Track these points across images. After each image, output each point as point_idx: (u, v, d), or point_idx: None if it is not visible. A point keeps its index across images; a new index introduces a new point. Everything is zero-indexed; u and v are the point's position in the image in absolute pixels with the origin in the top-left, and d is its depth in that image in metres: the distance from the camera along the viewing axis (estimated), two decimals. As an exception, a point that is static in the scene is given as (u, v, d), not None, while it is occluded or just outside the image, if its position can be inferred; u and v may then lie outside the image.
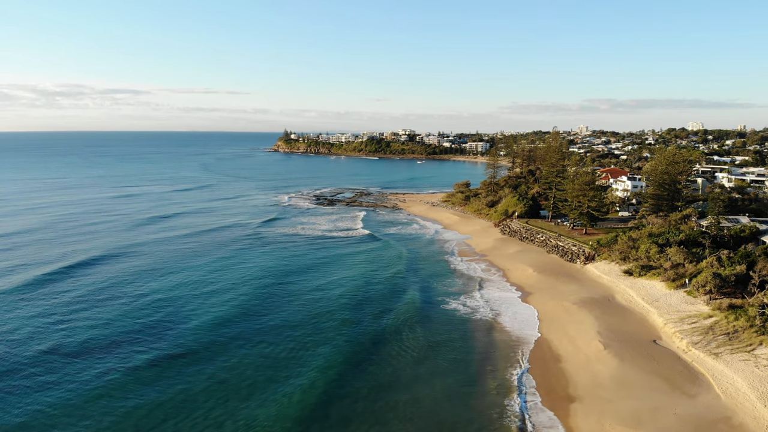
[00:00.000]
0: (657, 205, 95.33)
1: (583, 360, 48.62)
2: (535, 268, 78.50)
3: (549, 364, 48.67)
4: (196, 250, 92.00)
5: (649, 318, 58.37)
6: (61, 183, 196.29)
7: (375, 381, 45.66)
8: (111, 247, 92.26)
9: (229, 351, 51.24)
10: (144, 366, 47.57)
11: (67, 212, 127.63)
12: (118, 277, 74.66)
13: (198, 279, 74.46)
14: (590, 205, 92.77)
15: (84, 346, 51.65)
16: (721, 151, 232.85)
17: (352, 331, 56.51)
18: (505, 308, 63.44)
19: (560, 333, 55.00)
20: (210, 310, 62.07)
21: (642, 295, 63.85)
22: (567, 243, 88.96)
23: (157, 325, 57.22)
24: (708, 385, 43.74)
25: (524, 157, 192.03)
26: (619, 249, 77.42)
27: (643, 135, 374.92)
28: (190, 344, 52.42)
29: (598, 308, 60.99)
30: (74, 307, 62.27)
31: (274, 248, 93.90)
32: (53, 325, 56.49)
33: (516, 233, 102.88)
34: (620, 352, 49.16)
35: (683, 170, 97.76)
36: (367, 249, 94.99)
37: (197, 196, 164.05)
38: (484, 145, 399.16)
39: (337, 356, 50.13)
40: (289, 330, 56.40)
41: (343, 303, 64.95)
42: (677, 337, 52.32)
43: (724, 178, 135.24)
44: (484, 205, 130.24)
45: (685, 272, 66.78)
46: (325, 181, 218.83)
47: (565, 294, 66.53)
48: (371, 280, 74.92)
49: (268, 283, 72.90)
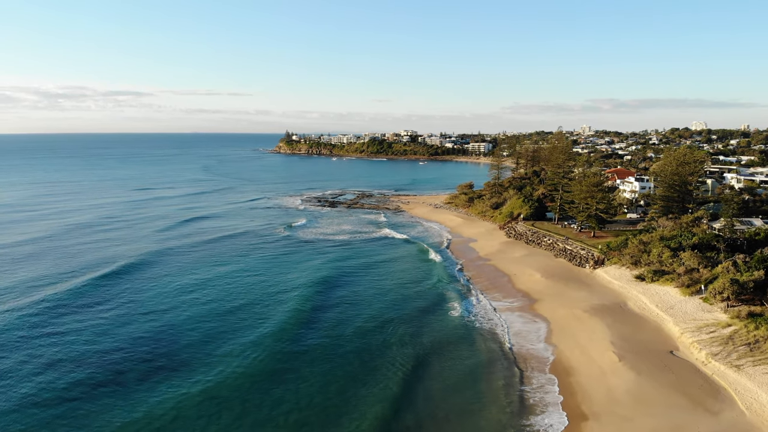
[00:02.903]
0: (667, 207, 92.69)
1: (597, 372, 46.10)
2: (543, 273, 75.93)
3: (561, 377, 46.16)
4: (223, 256, 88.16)
5: (664, 326, 55.81)
6: (70, 187, 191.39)
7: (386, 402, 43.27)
8: (136, 254, 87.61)
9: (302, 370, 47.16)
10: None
11: (82, 218, 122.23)
12: (151, 287, 70.72)
13: (239, 290, 70.05)
14: (599, 207, 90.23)
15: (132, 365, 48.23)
16: (726, 151, 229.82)
17: (360, 346, 54.17)
18: (511, 317, 60.94)
19: (571, 343, 52.47)
20: (265, 324, 58.13)
21: (656, 302, 61.28)
22: (575, 246, 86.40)
23: (215, 339, 53.83)
24: (731, 400, 41.21)
25: (528, 157, 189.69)
26: (629, 253, 74.83)
27: (647, 135, 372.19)
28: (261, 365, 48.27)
29: (610, 316, 58.44)
30: (114, 321, 58.22)
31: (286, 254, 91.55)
32: (104, 342, 52.68)
33: (522, 236, 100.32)
34: (636, 364, 46.63)
35: (694, 171, 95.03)
36: (375, 254, 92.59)
37: (206, 200, 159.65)
38: (486, 146, 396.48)
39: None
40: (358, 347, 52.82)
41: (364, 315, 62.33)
42: (695, 347, 49.76)
43: (733, 179, 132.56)
44: (488, 207, 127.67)
45: (700, 278, 64.21)
46: (326, 182, 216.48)
47: (575, 301, 63.98)
48: (384, 289, 71.96)
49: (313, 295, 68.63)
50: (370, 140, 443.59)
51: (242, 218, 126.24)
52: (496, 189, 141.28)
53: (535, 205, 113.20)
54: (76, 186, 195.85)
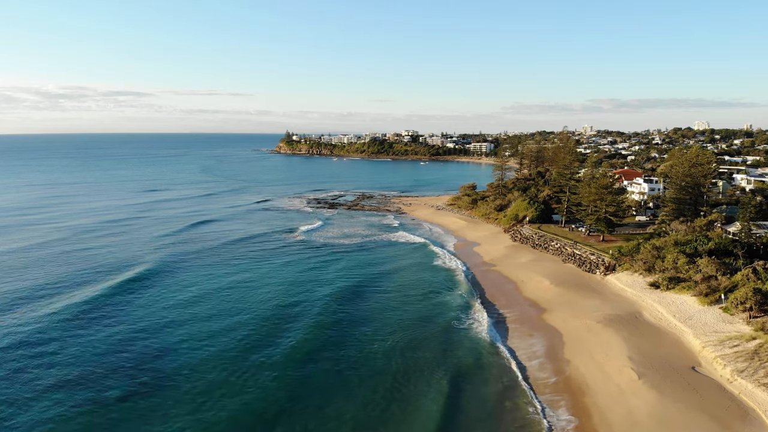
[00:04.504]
0: (679, 210, 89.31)
1: (615, 392, 42.82)
2: (552, 280, 72.59)
3: (576, 396, 42.91)
4: (234, 264, 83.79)
5: (683, 339, 52.53)
6: (76, 189, 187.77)
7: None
8: (140, 262, 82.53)
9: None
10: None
11: (82, 222, 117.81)
12: (170, 296, 67.24)
13: (251, 304, 65.09)
14: (608, 210, 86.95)
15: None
16: (731, 151, 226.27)
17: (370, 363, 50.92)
18: (521, 329, 57.72)
19: (586, 357, 49.20)
20: (288, 337, 54.80)
21: (673, 312, 58.00)
22: (584, 251, 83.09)
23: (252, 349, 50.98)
24: (761, 423, 37.98)
25: (532, 158, 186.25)
26: (642, 259, 71.57)
27: (649, 135, 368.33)
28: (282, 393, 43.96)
29: (625, 327, 55.13)
30: (112, 340, 53.84)
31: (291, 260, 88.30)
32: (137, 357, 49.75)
33: (528, 240, 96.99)
34: (657, 383, 43.35)
35: (707, 172, 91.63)
36: (374, 261, 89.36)
37: (209, 203, 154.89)
38: (488, 146, 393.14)
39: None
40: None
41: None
42: (719, 363, 46.49)
43: (743, 180, 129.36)
44: (493, 209, 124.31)
45: (718, 286, 60.94)
46: (328, 184, 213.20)
47: (587, 310, 60.67)
48: (387, 306, 67.64)
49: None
50: (371, 140, 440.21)
51: (247, 222, 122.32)
52: (500, 190, 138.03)
53: (540, 207, 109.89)
54: (77, 188, 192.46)
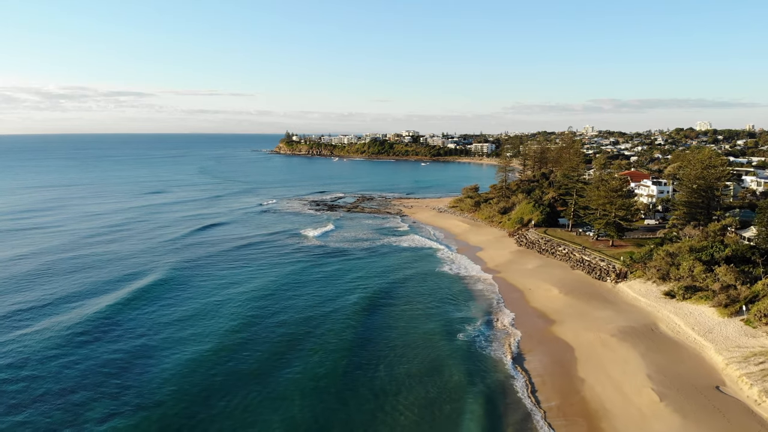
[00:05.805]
0: (691, 214, 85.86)
1: (635, 416, 39.49)
2: (561, 288, 69.21)
3: (592, 421, 39.56)
4: (244, 272, 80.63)
5: (704, 355, 49.20)
6: (70, 191, 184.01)
7: None
8: (147, 271, 79.37)
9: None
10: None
11: (83, 227, 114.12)
12: (192, 306, 64.62)
13: (268, 315, 62.24)
14: (618, 214, 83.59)
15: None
16: (735, 152, 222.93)
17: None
18: (529, 344, 54.41)
19: (602, 376, 45.86)
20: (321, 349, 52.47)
21: (691, 325, 54.66)
22: (593, 257, 79.74)
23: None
24: (797, 451, 34.70)
25: (535, 159, 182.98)
26: (656, 266, 68.20)
27: (652, 135, 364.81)
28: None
29: (641, 342, 51.79)
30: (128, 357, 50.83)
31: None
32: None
33: (534, 245, 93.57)
34: (680, 406, 40.01)
35: (721, 175, 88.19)
36: (373, 267, 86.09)
37: (212, 206, 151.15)
38: (489, 146, 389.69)
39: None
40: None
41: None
42: (744, 382, 43.15)
43: (753, 182, 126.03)
44: (496, 212, 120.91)
45: (738, 296, 57.62)
46: (327, 185, 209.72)
47: (599, 322, 57.31)
48: (389, 320, 64.39)
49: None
50: (372, 141, 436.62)
51: (252, 226, 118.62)
52: (504, 192, 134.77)
53: (546, 210, 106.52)
54: (77, 189, 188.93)
